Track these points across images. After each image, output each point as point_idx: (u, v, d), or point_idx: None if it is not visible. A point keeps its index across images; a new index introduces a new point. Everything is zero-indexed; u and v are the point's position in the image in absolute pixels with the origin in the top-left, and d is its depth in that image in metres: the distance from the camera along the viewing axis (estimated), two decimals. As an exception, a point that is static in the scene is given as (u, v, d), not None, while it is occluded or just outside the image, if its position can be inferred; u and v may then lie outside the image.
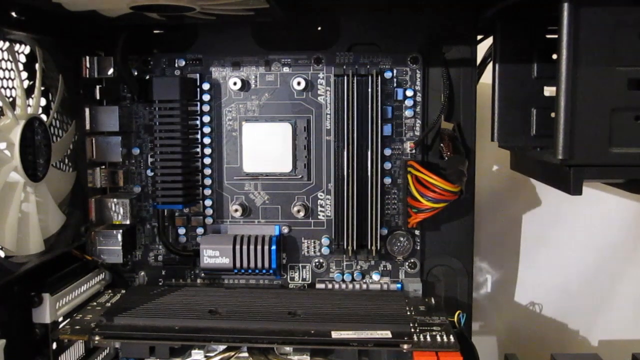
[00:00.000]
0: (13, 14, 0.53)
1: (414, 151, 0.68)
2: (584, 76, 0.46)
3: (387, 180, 0.68)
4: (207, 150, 0.70)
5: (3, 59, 0.55)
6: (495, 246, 0.89)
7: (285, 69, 0.69)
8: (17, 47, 0.57)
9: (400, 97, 0.67)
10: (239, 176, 0.70)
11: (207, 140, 0.70)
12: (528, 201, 0.88)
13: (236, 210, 0.70)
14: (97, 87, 0.68)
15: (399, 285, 0.70)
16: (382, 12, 0.67)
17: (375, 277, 0.70)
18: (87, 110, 0.67)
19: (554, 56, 0.48)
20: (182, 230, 0.72)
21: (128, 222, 0.68)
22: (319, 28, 0.69)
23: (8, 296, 0.54)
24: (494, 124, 0.63)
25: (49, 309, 0.57)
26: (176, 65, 0.70)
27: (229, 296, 0.66)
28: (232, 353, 0.59)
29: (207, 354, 0.60)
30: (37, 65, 0.58)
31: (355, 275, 0.70)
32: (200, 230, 0.71)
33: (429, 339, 0.56)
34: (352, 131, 0.66)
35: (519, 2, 0.54)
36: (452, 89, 0.67)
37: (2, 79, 0.55)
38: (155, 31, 0.70)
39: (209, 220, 0.71)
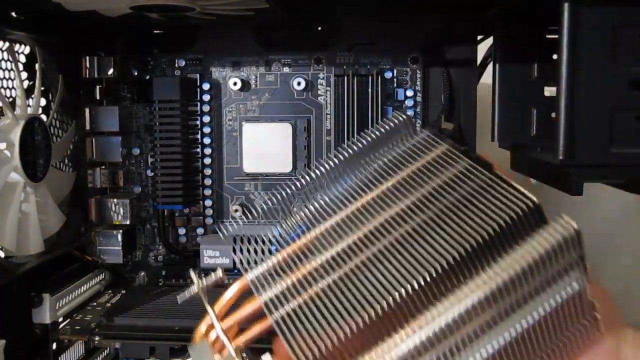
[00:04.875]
0: (13, 14, 0.53)
1: (414, 151, 0.68)
2: (584, 76, 0.46)
3: (387, 181, 0.68)
4: (207, 151, 0.70)
5: (3, 59, 0.55)
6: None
7: (285, 69, 0.69)
8: (17, 47, 0.57)
9: (400, 97, 0.68)
10: (239, 176, 0.70)
11: (207, 141, 0.70)
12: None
13: (236, 211, 0.70)
14: (97, 87, 0.68)
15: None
16: (382, 12, 0.67)
17: (376, 277, 0.70)
18: (87, 110, 0.67)
19: (554, 56, 0.48)
20: (182, 231, 0.72)
21: (128, 222, 0.68)
22: (319, 28, 0.68)
23: (8, 296, 0.54)
24: (494, 124, 0.62)
25: (49, 309, 0.57)
26: (176, 65, 0.70)
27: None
28: (232, 353, 0.59)
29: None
30: (37, 65, 0.58)
31: (355, 275, 0.70)
32: (200, 231, 0.71)
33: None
34: (353, 131, 0.66)
35: (519, 2, 0.54)
36: (452, 89, 0.67)
37: (2, 79, 0.55)
38: (155, 31, 0.70)
39: (209, 221, 0.71)
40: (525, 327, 0.26)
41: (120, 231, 0.68)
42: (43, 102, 0.61)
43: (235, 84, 0.69)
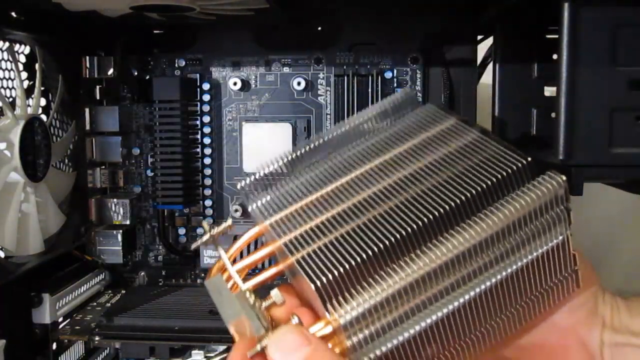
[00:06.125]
0: (13, 14, 0.53)
1: (414, 151, 0.68)
2: (584, 76, 0.46)
3: (387, 181, 0.68)
4: (207, 150, 0.70)
5: (3, 59, 0.55)
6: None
7: (286, 69, 0.69)
8: (17, 47, 0.57)
9: (400, 97, 0.67)
10: (239, 176, 0.70)
11: (207, 140, 0.70)
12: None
13: (236, 211, 0.70)
14: (97, 87, 0.68)
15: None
16: (382, 12, 0.67)
17: (376, 277, 0.70)
18: (87, 110, 0.67)
19: (554, 56, 0.48)
20: (182, 231, 0.72)
21: (128, 222, 0.68)
22: (319, 28, 0.69)
23: (8, 296, 0.54)
24: (494, 124, 0.63)
25: (49, 309, 0.57)
26: (176, 65, 0.70)
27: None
28: (232, 353, 0.59)
29: (207, 354, 0.60)
30: (37, 65, 0.58)
31: (355, 275, 0.70)
32: (200, 231, 0.71)
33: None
34: (352, 131, 0.66)
35: (519, 2, 0.54)
36: (452, 89, 0.67)
37: (2, 79, 0.55)
38: (155, 31, 0.70)
39: (209, 221, 0.71)
40: (513, 270, 0.29)
41: (120, 231, 0.68)
42: (43, 102, 0.61)
43: (235, 84, 0.69)
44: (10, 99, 0.56)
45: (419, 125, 0.34)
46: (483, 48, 0.68)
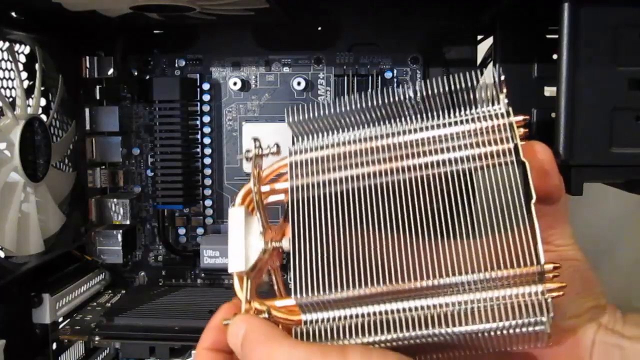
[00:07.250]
0: (13, 14, 0.53)
1: (414, 151, 0.68)
2: (584, 76, 0.46)
3: (387, 181, 0.68)
4: (207, 150, 0.70)
5: (3, 59, 0.55)
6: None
7: (286, 69, 0.69)
8: (17, 47, 0.57)
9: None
10: (239, 176, 0.70)
11: (207, 140, 0.70)
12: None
13: (236, 211, 0.70)
14: (97, 87, 0.68)
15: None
16: (382, 12, 0.67)
17: (376, 277, 0.70)
18: (87, 110, 0.67)
19: (554, 56, 0.48)
20: (182, 231, 0.72)
21: (128, 222, 0.68)
22: (319, 28, 0.68)
23: (8, 296, 0.54)
24: (494, 124, 0.62)
25: (49, 309, 0.57)
26: (176, 65, 0.70)
27: (228, 296, 0.66)
28: (232, 353, 0.59)
29: (207, 354, 0.60)
30: (37, 65, 0.58)
31: (355, 275, 0.70)
32: (200, 231, 0.71)
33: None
34: (352, 131, 0.66)
35: (519, 2, 0.54)
36: (452, 89, 0.67)
37: (2, 79, 0.55)
38: (155, 31, 0.70)
39: (209, 221, 0.71)
40: (473, 330, 0.28)
41: (120, 231, 0.68)
42: (43, 102, 0.61)
43: (235, 84, 0.69)
44: (10, 99, 0.56)
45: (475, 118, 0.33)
46: (483, 48, 0.68)
